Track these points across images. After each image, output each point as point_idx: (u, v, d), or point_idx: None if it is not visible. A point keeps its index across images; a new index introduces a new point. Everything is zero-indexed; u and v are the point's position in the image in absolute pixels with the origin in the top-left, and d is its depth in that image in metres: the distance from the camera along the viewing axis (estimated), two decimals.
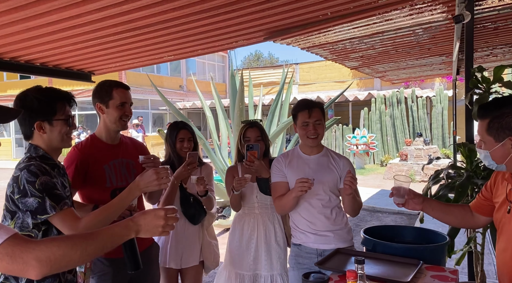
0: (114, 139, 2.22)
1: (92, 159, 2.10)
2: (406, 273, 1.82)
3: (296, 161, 2.35)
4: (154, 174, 1.68)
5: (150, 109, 20.04)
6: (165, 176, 1.70)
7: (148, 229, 1.26)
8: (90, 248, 1.13)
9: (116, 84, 2.15)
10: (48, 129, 1.66)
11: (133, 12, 2.24)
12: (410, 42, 4.64)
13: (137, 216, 1.27)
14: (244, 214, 2.72)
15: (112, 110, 2.11)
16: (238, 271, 2.65)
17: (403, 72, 7.19)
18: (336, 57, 5.45)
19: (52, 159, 1.70)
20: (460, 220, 1.86)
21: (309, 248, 2.29)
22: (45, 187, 1.54)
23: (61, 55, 3.13)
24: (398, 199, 1.85)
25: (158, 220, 1.26)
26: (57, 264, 1.05)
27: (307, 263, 2.26)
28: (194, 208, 2.65)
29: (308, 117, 2.25)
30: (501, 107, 1.44)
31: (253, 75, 18.01)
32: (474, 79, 2.52)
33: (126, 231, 1.23)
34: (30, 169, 1.55)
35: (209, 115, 8.11)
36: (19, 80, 19.38)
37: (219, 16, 2.49)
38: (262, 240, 2.64)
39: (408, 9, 3.26)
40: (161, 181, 1.69)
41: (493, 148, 1.47)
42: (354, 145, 13.32)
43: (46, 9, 2.09)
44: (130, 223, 1.25)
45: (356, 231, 6.13)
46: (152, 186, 1.69)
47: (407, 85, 16.10)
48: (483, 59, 6.04)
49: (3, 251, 0.98)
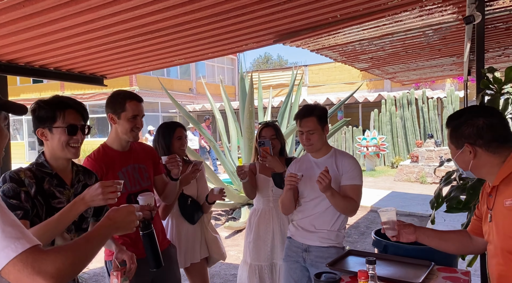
0: (125, 147, 2.26)
1: (107, 167, 2.15)
2: (417, 274, 1.82)
3: (305, 165, 2.43)
4: (100, 188, 1.58)
5: (160, 112, 20.18)
6: (112, 191, 1.59)
7: (123, 225, 1.30)
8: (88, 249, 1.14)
9: (130, 96, 2.17)
10: (50, 137, 1.67)
11: (145, 17, 2.28)
12: (420, 43, 4.61)
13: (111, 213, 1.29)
14: (260, 207, 2.90)
15: (123, 122, 2.14)
16: (257, 263, 2.83)
17: (414, 73, 7.14)
18: (346, 59, 5.44)
19: (50, 168, 1.69)
20: (458, 245, 1.79)
21: (297, 242, 2.40)
22: (4, 193, 1.54)
23: (74, 60, 3.19)
24: (390, 232, 1.81)
25: (131, 215, 1.32)
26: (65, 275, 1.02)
27: (294, 256, 2.39)
28: (191, 208, 2.75)
29: (300, 127, 2.33)
30: (459, 117, 1.52)
31: (262, 77, 18.02)
32: (486, 80, 2.50)
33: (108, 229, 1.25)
34: (8, 174, 1.58)
35: (219, 118, 8.15)
36: (32, 84, 19.67)
37: (229, 20, 2.52)
38: (278, 231, 2.83)
39: (418, 11, 3.24)
40: (106, 196, 1.58)
41: (455, 155, 1.54)
42: (364, 147, 13.24)
43: (60, 15, 2.14)
44: (108, 221, 1.26)
45: (367, 233, 6.11)
46: (98, 200, 1.58)
47: (417, 86, 15.98)
48: (495, 60, 5.98)
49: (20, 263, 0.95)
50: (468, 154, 1.48)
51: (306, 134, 2.32)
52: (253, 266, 2.83)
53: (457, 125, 1.51)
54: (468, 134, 1.47)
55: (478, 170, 1.51)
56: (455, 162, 1.56)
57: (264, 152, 2.65)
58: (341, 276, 1.84)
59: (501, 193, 1.44)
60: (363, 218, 7.06)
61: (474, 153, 1.47)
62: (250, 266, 2.84)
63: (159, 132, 2.76)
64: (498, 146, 1.45)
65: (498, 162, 1.45)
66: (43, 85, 18.90)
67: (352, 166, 2.32)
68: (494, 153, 1.46)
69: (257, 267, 2.82)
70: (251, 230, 2.89)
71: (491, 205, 1.49)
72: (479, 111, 1.53)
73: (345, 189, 2.29)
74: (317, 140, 2.32)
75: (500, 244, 1.43)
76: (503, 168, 1.43)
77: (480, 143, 1.46)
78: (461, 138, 1.49)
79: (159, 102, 19.81)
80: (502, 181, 1.43)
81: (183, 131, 2.77)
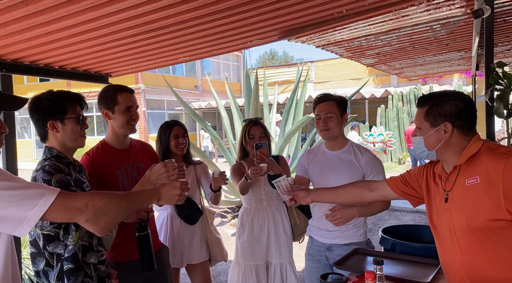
0: (123, 144, 2.24)
1: (105, 165, 2.13)
2: (426, 274, 1.80)
3: (319, 157, 2.37)
4: (163, 167, 1.75)
5: (166, 110, 20.23)
6: (172, 168, 1.76)
7: (167, 197, 1.51)
8: (123, 203, 1.37)
9: (120, 89, 2.15)
10: (61, 129, 1.73)
11: (149, 14, 2.26)
12: (428, 38, 4.55)
13: (158, 186, 1.52)
14: (252, 207, 2.83)
15: (118, 115, 2.12)
16: (251, 263, 2.77)
17: (421, 68, 7.06)
18: (352, 55, 5.40)
19: (67, 157, 1.76)
20: (350, 197, 1.99)
21: (319, 242, 2.37)
22: (61, 184, 1.61)
23: (79, 58, 3.18)
24: (284, 196, 2.00)
25: (175, 189, 1.52)
26: (99, 211, 1.29)
27: (316, 255, 2.37)
28: (188, 209, 2.70)
29: (317, 112, 2.27)
30: (441, 97, 1.55)
31: (267, 74, 17.98)
32: (495, 75, 2.45)
33: (150, 196, 1.49)
34: (45, 168, 1.63)
35: (224, 115, 8.14)
36: (39, 82, 19.80)
37: (233, 16, 2.49)
38: (272, 230, 2.78)
39: (425, 5, 3.20)
40: (169, 173, 1.75)
41: (428, 133, 1.55)
42: (371, 143, 13.18)
43: (64, 13, 2.13)
44: (154, 191, 1.50)
45: (374, 230, 6.07)
46: (162, 179, 1.75)
47: (424, 81, 15.84)
48: (504, 54, 5.90)
49: (58, 203, 1.21)
50: (443, 133, 1.52)
51: (324, 118, 2.23)
52: (248, 266, 2.77)
53: (439, 103, 1.54)
54: (450, 113, 1.51)
55: (445, 150, 1.54)
56: (421, 140, 1.58)
57: (262, 155, 2.56)
58: (348, 276, 1.82)
59: (463, 173, 1.51)
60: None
61: (451, 132, 1.51)
62: (246, 267, 2.78)
63: (159, 132, 2.77)
64: (469, 130, 1.53)
65: (465, 144, 1.52)
66: (49, 83, 18.99)
67: (375, 162, 2.29)
68: (465, 135, 1.52)
69: (253, 267, 2.76)
70: (244, 230, 2.82)
71: (448, 187, 1.55)
72: (458, 94, 1.57)
73: None
74: (334, 125, 2.23)
75: (465, 224, 1.48)
76: (469, 148, 1.50)
77: (458, 124, 1.51)
78: (441, 116, 1.52)
79: (165, 100, 19.85)
80: (466, 161, 1.50)
81: (180, 130, 2.74)
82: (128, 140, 2.27)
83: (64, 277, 1.65)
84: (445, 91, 1.61)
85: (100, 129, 18.95)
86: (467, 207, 1.48)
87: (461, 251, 1.50)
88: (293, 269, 2.79)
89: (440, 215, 1.59)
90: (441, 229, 1.60)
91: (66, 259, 1.66)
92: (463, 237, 1.50)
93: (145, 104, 18.37)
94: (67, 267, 1.66)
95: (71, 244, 1.67)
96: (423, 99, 1.60)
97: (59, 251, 1.66)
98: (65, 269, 1.66)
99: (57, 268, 1.66)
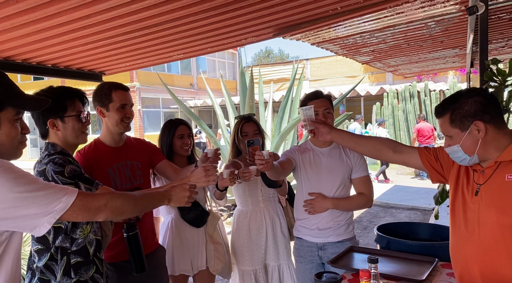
0: (118, 142, 2.20)
1: (95, 163, 2.09)
2: (421, 271, 1.79)
3: (310, 154, 2.35)
4: (203, 171, 1.84)
5: (161, 108, 20.15)
6: (213, 173, 1.85)
7: (177, 199, 1.58)
8: (139, 203, 1.43)
9: (115, 86, 2.12)
10: (61, 126, 1.72)
11: (141, 12, 2.24)
12: (422, 36, 4.55)
13: (169, 189, 1.59)
14: (249, 209, 2.69)
15: (112, 113, 2.10)
16: (250, 268, 2.64)
17: (416, 66, 7.08)
18: (347, 52, 5.39)
19: (70, 154, 1.76)
20: (372, 151, 1.92)
21: (310, 242, 2.34)
22: (75, 173, 1.63)
23: (72, 56, 3.15)
24: (308, 127, 1.98)
25: (185, 191, 1.58)
26: (116, 211, 1.35)
27: (308, 256, 2.33)
28: (193, 211, 2.58)
29: (317, 106, 2.20)
30: (458, 100, 1.48)
31: (263, 72, 17.94)
32: (489, 72, 2.45)
33: (162, 197, 1.55)
34: (55, 161, 1.63)
35: (220, 113, 8.11)
36: (32, 81, 19.64)
37: (227, 14, 2.48)
38: (270, 232, 2.66)
39: (419, 2, 3.19)
40: (208, 178, 1.85)
41: (462, 139, 1.47)
42: None
43: (55, 11, 2.10)
44: (165, 193, 1.57)
45: (369, 228, 6.08)
46: (202, 182, 1.84)
47: (419, 79, 15.88)
48: (498, 51, 5.91)
49: (80, 203, 1.25)
50: (477, 133, 1.44)
51: (323, 114, 2.21)
52: (247, 271, 2.64)
53: (459, 106, 1.46)
54: (474, 112, 1.44)
55: (485, 148, 1.46)
56: (458, 148, 1.48)
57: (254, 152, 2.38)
58: (343, 274, 1.81)
59: (503, 168, 1.43)
60: (366, 212, 7.04)
61: (485, 129, 1.43)
62: (245, 272, 2.65)
63: (162, 130, 2.67)
64: (501, 122, 1.46)
65: (505, 136, 1.44)
66: (44, 82, 18.85)
67: (361, 158, 2.31)
68: (500, 128, 1.45)
69: (252, 272, 2.63)
70: (240, 234, 2.67)
71: (482, 180, 1.48)
72: (472, 91, 1.51)
73: (358, 182, 2.30)
74: (332, 121, 2.26)
75: (495, 219, 1.42)
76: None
77: (487, 118, 1.44)
78: (467, 118, 1.45)
79: (160, 98, 19.77)
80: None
81: (186, 130, 2.62)
82: (124, 138, 2.24)
83: (71, 271, 1.63)
84: (457, 93, 1.54)
85: (95, 128, 18.83)
86: (502, 202, 1.42)
87: (481, 245, 1.45)
88: (290, 271, 2.67)
89: (466, 206, 1.53)
90: (462, 220, 1.54)
91: (74, 253, 1.65)
92: (487, 232, 1.44)
93: (140, 102, 18.30)
94: (75, 261, 1.64)
95: (81, 237, 1.67)
96: (440, 108, 1.53)
97: (65, 245, 1.64)
98: (72, 262, 1.64)
99: (62, 261, 1.63)
